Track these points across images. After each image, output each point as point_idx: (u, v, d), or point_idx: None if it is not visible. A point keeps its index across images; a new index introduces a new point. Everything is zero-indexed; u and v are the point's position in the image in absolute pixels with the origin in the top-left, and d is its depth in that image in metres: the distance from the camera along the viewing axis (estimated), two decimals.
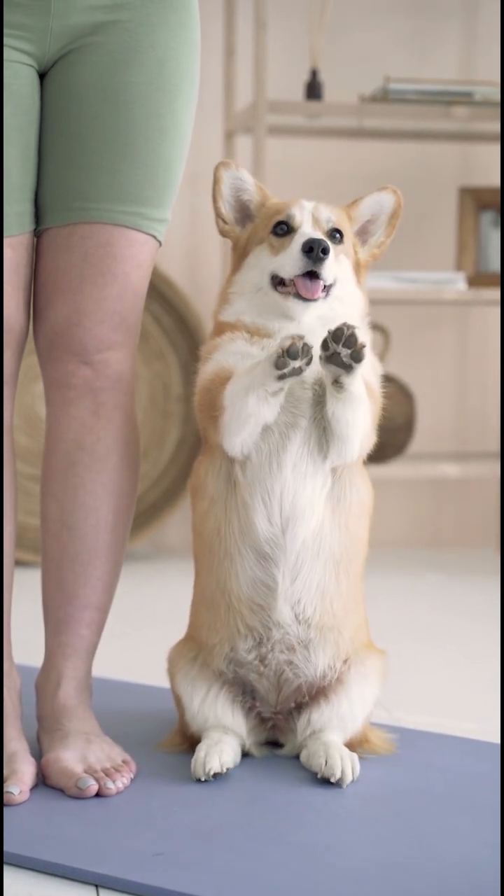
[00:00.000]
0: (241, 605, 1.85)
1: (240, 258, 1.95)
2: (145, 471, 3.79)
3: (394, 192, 1.97)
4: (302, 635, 1.86)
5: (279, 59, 3.87)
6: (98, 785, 1.78)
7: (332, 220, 1.91)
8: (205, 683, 1.90)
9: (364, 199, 1.97)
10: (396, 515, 4.16)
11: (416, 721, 2.21)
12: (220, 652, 1.88)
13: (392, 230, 1.98)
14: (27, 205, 1.84)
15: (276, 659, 1.86)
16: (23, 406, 3.70)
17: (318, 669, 1.87)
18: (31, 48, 1.80)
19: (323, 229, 1.89)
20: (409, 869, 1.56)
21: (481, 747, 2.04)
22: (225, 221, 1.96)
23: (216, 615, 1.88)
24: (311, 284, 1.83)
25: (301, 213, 1.90)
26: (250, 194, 1.96)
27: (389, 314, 3.97)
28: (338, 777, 1.81)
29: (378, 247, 1.98)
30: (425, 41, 4.10)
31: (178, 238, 3.91)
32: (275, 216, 1.91)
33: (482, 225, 3.99)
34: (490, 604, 3.26)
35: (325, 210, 1.91)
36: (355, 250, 1.96)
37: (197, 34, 1.89)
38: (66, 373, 1.87)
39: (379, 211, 1.97)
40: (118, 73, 1.82)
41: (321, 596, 1.85)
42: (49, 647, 1.92)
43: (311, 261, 1.82)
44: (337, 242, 1.90)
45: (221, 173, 1.94)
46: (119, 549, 1.94)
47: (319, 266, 1.82)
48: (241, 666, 1.88)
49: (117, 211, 1.84)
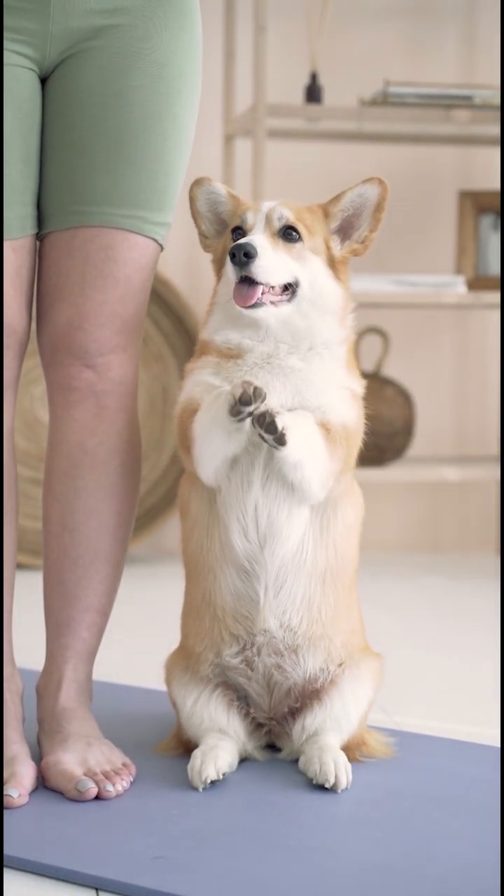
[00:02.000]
0: (226, 616, 1.86)
1: (219, 268, 1.94)
2: (144, 474, 3.79)
3: (379, 182, 1.89)
4: (289, 641, 1.85)
5: (279, 62, 3.87)
6: (98, 788, 1.78)
7: (284, 217, 1.85)
8: (197, 687, 1.90)
9: (346, 193, 1.91)
10: (395, 519, 4.16)
11: (415, 724, 2.21)
12: (205, 659, 1.89)
13: (377, 223, 1.90)
14: (29, 208, 1.84)
15: (264, 663, 1.86)
16: (22, 409, 3.70)
17: (308, 673, 1.87)
18: (32, 52, 1.80)
19: (273, 229, 1.85)
20: (409, 872, 1.56)
21: (480, 750, 2.04)
22: (206, 237, 1.95)
23: (201, 624, 1.89)
24: (246, 290, 1.80)
25: (254, 217, 1.86)
26: (224, 205, 1.94)
27: (389, 317, 3.98)
28: (331, 783, 1.80)
29: (362, 242, 1.91)
30: (425, 44, 4.10)
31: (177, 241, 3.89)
32: (234, 222, 1.90)
33: (482, 228, 3.99)
34: (489, 607, 3.26)
35: (281, 209, 1.86)
36: (328, 246, 1.89)
37: (198, 38, 1.90)
38: (69, 376, 1.88)
39: (362, 204, 1.90)
40: (119, 77, 1.82)
41: (307, 607, 1.85)
42: (50, 650, 1.92)
43: (239, 266, 1.79)
44: (293, 241, 1.85)
45: (195, 192, 1.93)
46: (120, 552, 1.94)
47: (248, 270, 1.79)
48: (229, 670, 1.88)
49: (118, 214, 1.84)
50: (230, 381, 1.81)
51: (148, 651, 2.27)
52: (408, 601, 3.39)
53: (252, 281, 1.80)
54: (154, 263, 1.91)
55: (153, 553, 3.97)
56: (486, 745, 2.07)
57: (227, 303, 1.87)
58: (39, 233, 1.87)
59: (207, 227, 1.95)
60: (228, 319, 1.87)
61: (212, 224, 1.95)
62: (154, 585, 3.49)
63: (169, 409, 3.85)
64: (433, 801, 1.80)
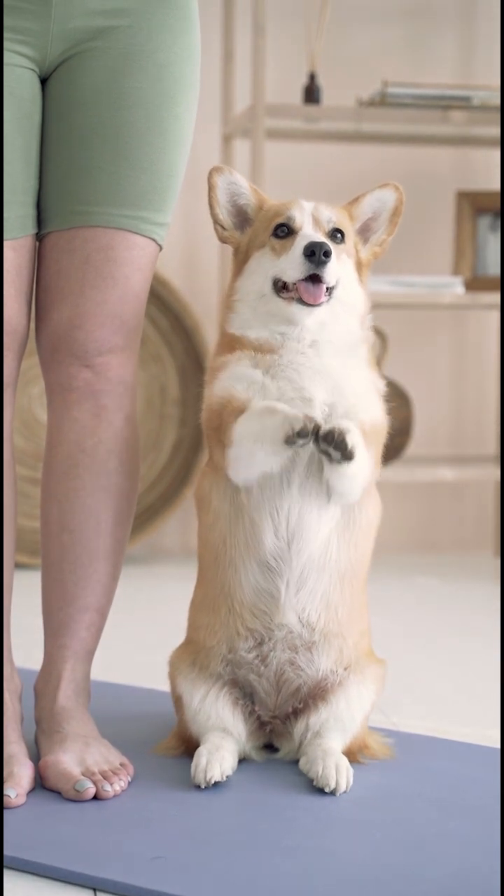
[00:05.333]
0: (244, 610, 1.86)
1: (241, 263, 1.93)
2: (142, 473, 3.79)
3: (395, 188, 1.94)
4: (307, 637, 1.86)
5: (277, 63, 3.88)
6: (96, 788, 1.78)
7: (332, 220, 1.89)
8: (205, 684, 1.90)
9: (365, 197, 1.95)
10: (392, 519, 4.15)
11: (415, 725, 2.21)
12: (217, 653, 1.88)
13: (394, 227, 1.96)
14: (29, 208, 1.84)
15: (278, 658, 1.86)
16: (20, 408, 3.70)
17: (320, 672, 1.87)
18: (33, 52, 1.80)
19: (324, 230, 1.88)
20: (407, 874, 1.56)
21: (479, 751, 2.04)
22: (224, 227, 1.94)
23: (216, 618, 1.88)
24: (314, 289, 1.82)
25: (301, 214, 1.88)
26: (247, 198, 1.94)
27: (387, 318, 3.98)
28: (332, 788, 1.80)
29: (380, 245, 1.96)
30: (423, 45, 4.11)
31: (175, 241, 3.91)
32: (275, 218, 1.89)
33: (480, 229, 3.99)
34: (486, 607, 3.26)
35: (325, 210, 1.89)
36: (357, 249, 1.94)
37: (197, 39, 1.90)
38: (68, 375, 1.88)
39: (381, 208, 1.95)
40: (119, 77, 1.82)
41: (326, 605, 1.86)
42: (48, 650, 1.92)
43: (314, 264, 1.81)
44: (339, 242, 1.89)
45: (216, 179, 1.92)
46: (119, 552, 1.94)
47: (322, 269, 1.81)
48: (240, 666, 1.88)
49: (118, 215, 1.84)
50: (271, 374, 1.82)
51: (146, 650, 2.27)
52: (404, 601, 3.39)
53: (318, 279, 1.82)
54: (153, 263, 1.91)
55: (151, 553, 3.97)
56: (484, 746, 2.07)
57: (258, 299, 1.87)
58: (39, 233, 1.87)
59: (226, 217, 1.94)
60: (258, 316, 1.88)
61: (230, 215, 1.94)
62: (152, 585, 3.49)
63: (167, 409, 3.85)
64: (431, 803, 1.80)
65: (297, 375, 1.82)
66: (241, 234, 1.95)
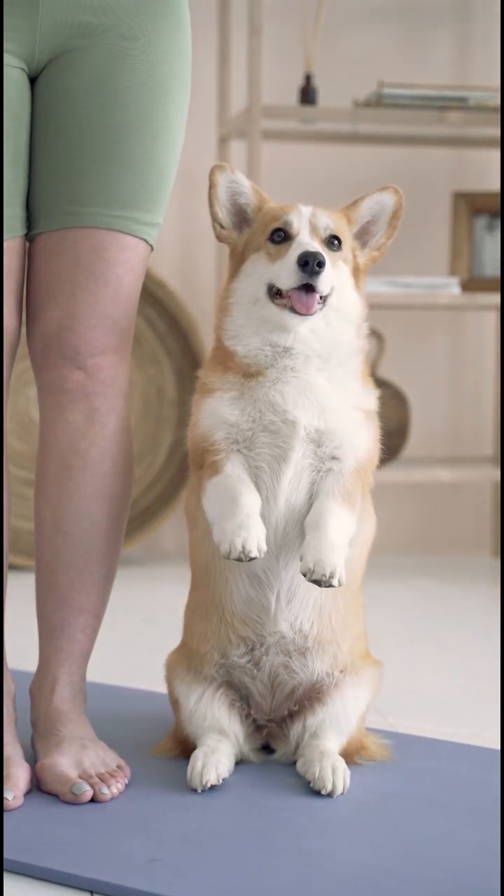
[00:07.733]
0: (235, 620, 1.86)
1: (237, 264, 1.91)
2: (139, 475, 3.79)
3: (395, 191, 1.92)
4: (299, 643, 1.86)
5: (273, 63, 3.87)
6: (93, 790, 1.78)
7: (330, 227, 1.86)
8: (200, 686, 1.90)
9: (364, 200, 1.92)
10: (389, 520, 4.16)
11: (412, 726, 2.21)
12: (210, 659, 1.89)
13: (393, 231, 1.93)
14: (18, 209, 1.83)
15: (271, 661, 1.86)
16: (16, 410, 3.69)
17: (315, 675, 1.87)
18: (21, 50, 1.78)
19: (320, 237, 1.85)
20: (405, 875, 1.56)
21: (477, 752, 2.04)
22: (222, 226, 1.92)
23: (208, 626, 1.88)
24: (306, 298, 1.80)
25: (298, 220, 1.85)
26: (247, 198, 1.92)
27: (384, 319, 3.97)
28: (329, 790, 1.80)
29: (378, 248, 1.94)
30: (419, 46, 4.11)
31: (172, 242, 3.91)
32: (272, 222, 1.87)
33: (476, 230, 3.99)
34: (483, 609, 3.26)
35: (322, 216, 1.86)
36: (354, 255, 1.91)
37: (188, 37, 1.89)
38: (60, 377, 1.87)
39: (380, 211, 1.92)
40: (109, 76, 1.81)
41: (319, 613, 1.85)
42: (43, 653, 1.92)
43: (307, 274, 1.78)
44: (335, 250, 1.86)
45: (217, 177, 1.90)
46: (113, 554, 1.93)
47: (315, 279, 1.79)
48: (234, 669, 1.88)
49: (109, 215, 1.83)
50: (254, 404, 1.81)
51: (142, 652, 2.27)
52: (402, 603, 3.39)
53: (311, 289, 1.80)
54: (145, 264, 1.90)
55: (148, 555, 3.96)
56: (483, 747, 2.07)
57: (253, 304, 1.86)
58: (29, 234, 1.86)
59: (225, 216, 1.92)
60: (251, 322, 1.86)
61: (229, 214, 1.92)
62: (149, 587, 3.49)
63: (164, 411, 3.85)
64: (429, 804, 1.79)
65: (280, 398, 1.81)
66: (238, 234, 1.92)
